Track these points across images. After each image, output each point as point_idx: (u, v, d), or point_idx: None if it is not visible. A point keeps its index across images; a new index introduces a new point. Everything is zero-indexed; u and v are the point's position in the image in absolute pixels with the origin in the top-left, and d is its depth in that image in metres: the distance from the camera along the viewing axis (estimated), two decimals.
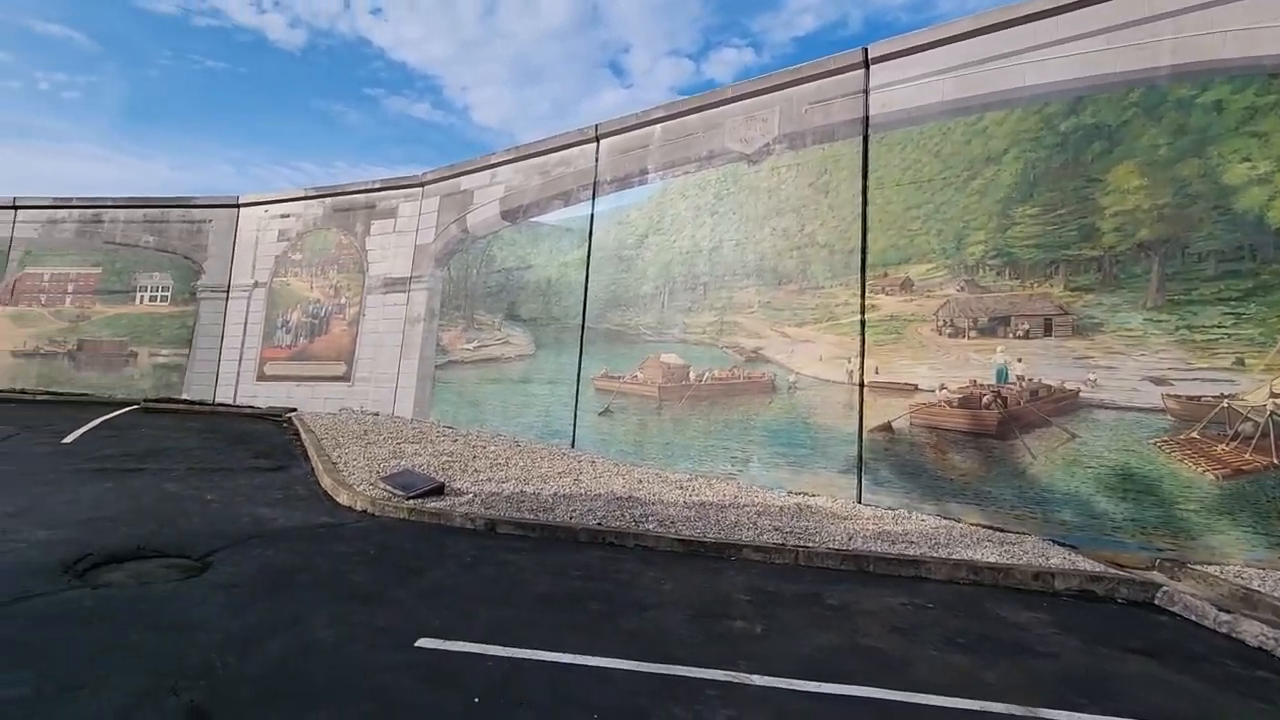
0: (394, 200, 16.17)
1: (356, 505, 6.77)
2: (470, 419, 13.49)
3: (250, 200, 17.92)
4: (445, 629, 3.79)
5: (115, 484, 6.87)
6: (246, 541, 5.27)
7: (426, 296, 15.07)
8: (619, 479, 8.94)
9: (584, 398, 11.81)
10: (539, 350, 12.80)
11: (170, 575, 4.44)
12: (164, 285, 18.06)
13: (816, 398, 9.08)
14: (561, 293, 12.66)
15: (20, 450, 8.44)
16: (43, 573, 4.23)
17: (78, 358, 17.97)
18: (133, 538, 5.09)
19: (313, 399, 16.05)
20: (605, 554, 5.80)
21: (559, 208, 13.01)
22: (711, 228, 10.66)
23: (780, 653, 3.83)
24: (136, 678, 3.00)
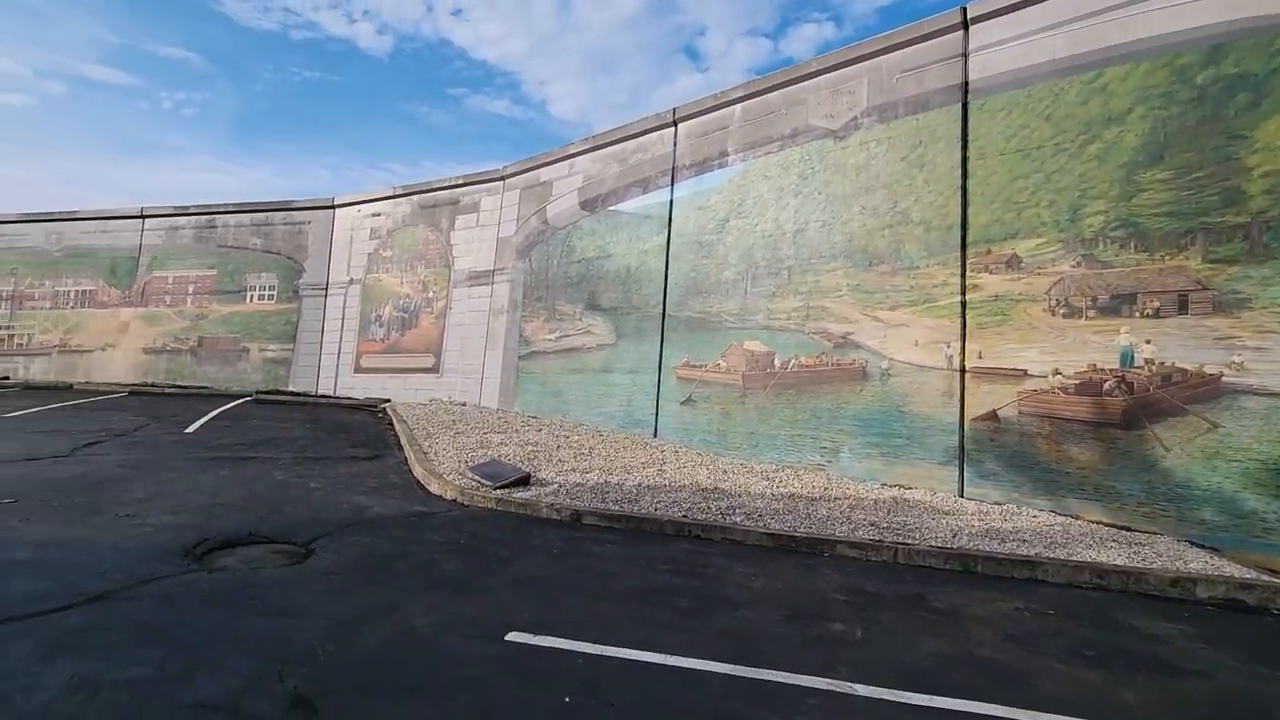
0: (476, 195, 16.53)
1: (447, 494, 6.93)
2: (553, 409, 13.65)
3: (344, 201, 18.80)
4: (534, 623, 3.75)
5: (230, 471, 7.32)
6: (346, 529, 5.46)
7: (509, 288, 15.34)
8: (703, 469, 8.78)
9: (666, 387, 11.69)
10: (620, 339, 12.77)
11: (277, 561, 4.64)
12: (270, 284, 19.25)
13: (912, 385, 8.58)
14: (641, 281, 12.56)
15: (150, 440, 9.16)
16: (166, 555, 4.51)
17: (198, 353, 19.46)
18: (245, 523, 5.37)
19: (404, 390, 16.72)
20: (692, 547, 5.66)
21: (637, 195, 12.89)
22: (796, 209, 10.25)
23: (885, 660, 3.57)
24: (247, 662, 3.10)
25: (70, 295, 20.92)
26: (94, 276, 20.73)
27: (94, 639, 3.23)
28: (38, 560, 4.21)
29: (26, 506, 5.40)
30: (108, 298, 20.55)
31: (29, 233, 21.48)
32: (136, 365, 19.91)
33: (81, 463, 7.36)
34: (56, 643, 3.15)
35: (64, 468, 7.03)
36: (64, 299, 20.96)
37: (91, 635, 3.26)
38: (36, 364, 20.74)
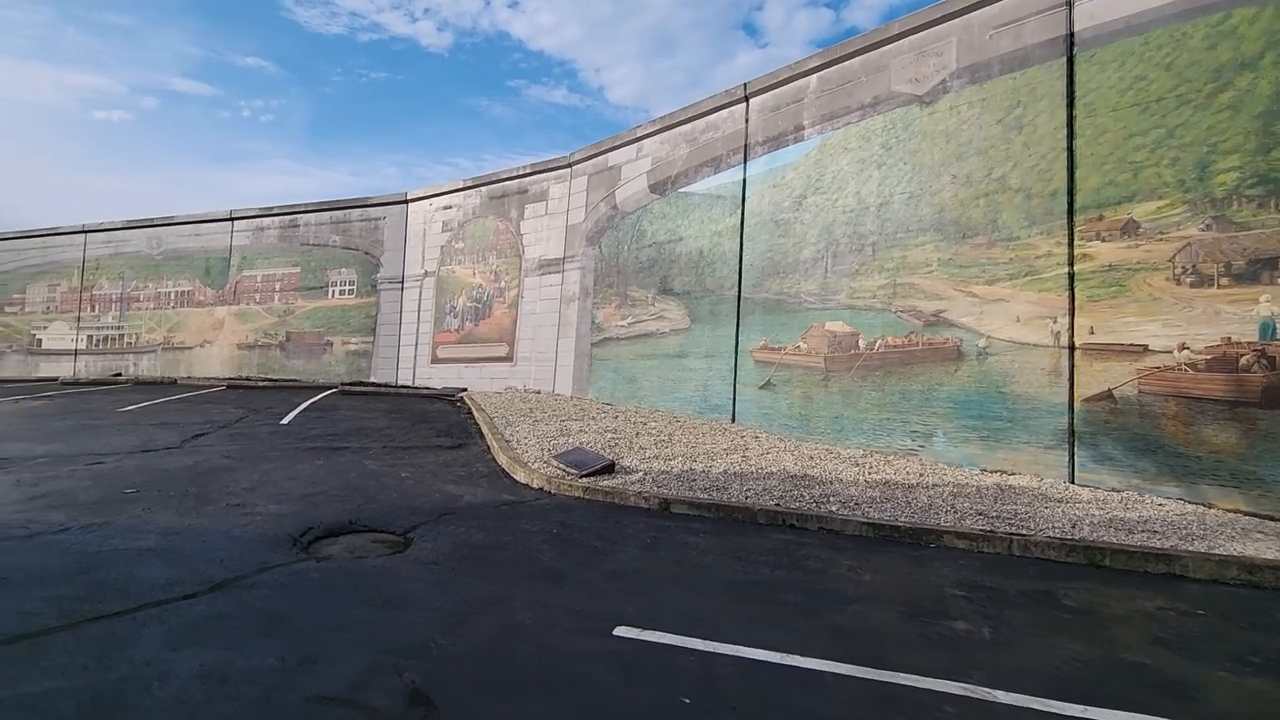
0: (544, 183, 16.56)
1: (533, 483, 6.93)
2: (627, 395, 13.59)
3: (416, 195, 19.22)
4: (640, 617, 3.64)
5: (325, 461, 7.55)
6: (441, 518, 5.50)
7: (580, 275, 15.34)
8: (788, 455, 8.50)
9: (743, 371, 11.42)
10: (694, 324, 12.55)
11: (379, 550, 4.70)
12: (349, 280, 19.94)
13: (1013, 363, 8.04)
14: (715, 263, 12.29)
15: (249, 431, 9.58)
16: (276, 544, 4.64)
17: (286, 348, 20.39)
18: (344, 512, 5.49)
19: (480, 379, 17.03)
20: (788, 537, 5.45)
21: (708, 175, 12.59)
22: (879, 181, 9.75)
23: (1022, 664, 3.28)
24: (363, 654, 3.11)
25: (171, 296, 22.28)
26: (191, 277, 21.99)
27: (218, 627, 3.31)
28: (161, 549, 4.39)
29: (146, 496, 5.69)
30: (204, 297, 21.78)
31: (133, 238, 22.96)
32: (231, 360, 21.05)
33: (191, 454, 7.75)
34: (185, 630, 3.24)
35: (175, 459, 7.41)
36: (165, 299, 22.34)
37: (216, 623, 3.34)
38: (144, 361, 22.23)
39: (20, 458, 7.17)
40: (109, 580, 3.81)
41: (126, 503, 5.48)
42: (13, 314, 24.15)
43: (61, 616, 3.31)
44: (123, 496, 5.65)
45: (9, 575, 3.84)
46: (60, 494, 5.66)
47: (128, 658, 2.95)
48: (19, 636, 3.10)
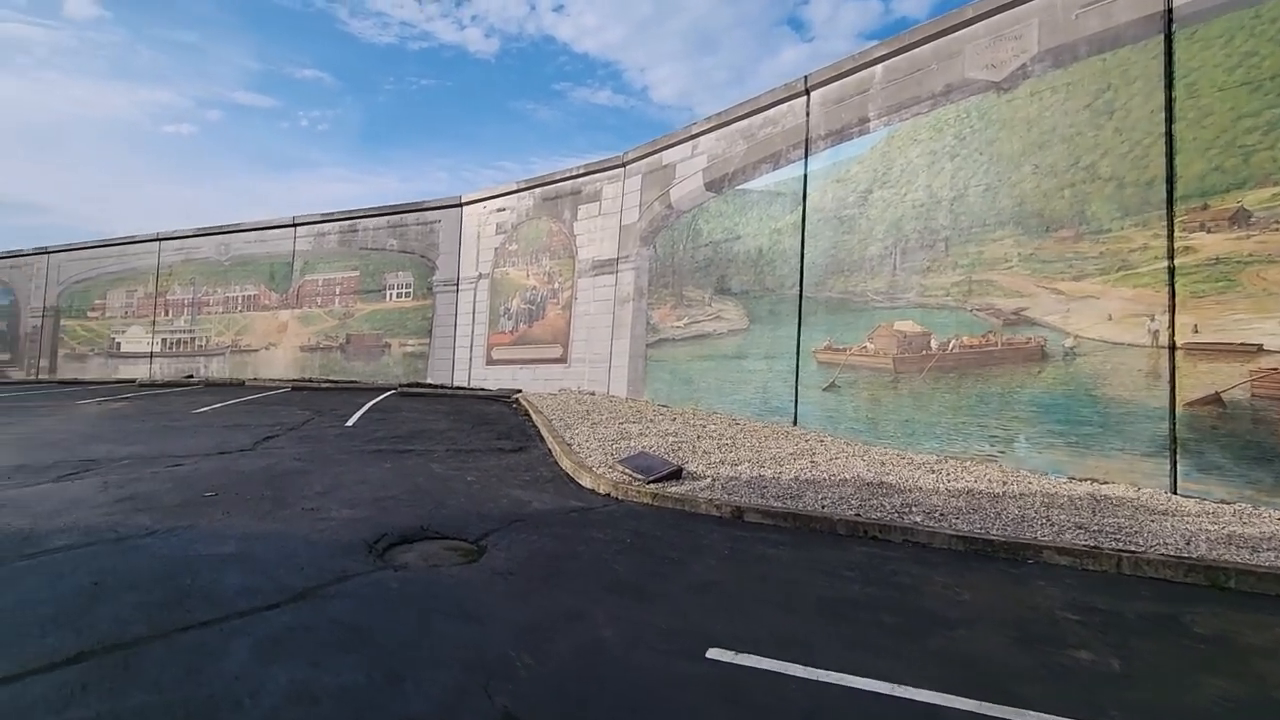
0: (597, 183, 16.49)
1: (600, 488, 6.80)
2: (683, 397, 13.39)
3: (471, 198, 19.41)
4: (731, 637, 3.44)
5: (392, 465, 7.58)
6: (511, 525, 5.41)
7: (634, 276, 15.20)
8: (858, 461, 8.17)
9: (805, 372, 11.08)
10: (753, 324, 12.26)
11: (453, 558, 4.62)
12: (406, 282, 20.29)
13: (1105, 365, 7.53)
14: (775, 262, 11.97)
15: (317, 433, 9.75)
16: (352, 551, 4.61)
17: (346, 350, 20.89)
18: (416, 518, 5.45)
19: (534, 380, 17.07)
20: (872, 550, 5.16)
21: (767, 172, 12.28)
22: (952, 174, 9.30)
23: (1166, 704, 2.96)
24: (449, 672, 3.00)
25: (238, 300, 23.09)
26: (257, 282, 22.75)
27: (303, 640, 3.25)
28: (242, 554, 4.41)
29: (225, 500, 5.77)
30: (268, 301, 22.50)
31: (202, 245, 23.90)
32: (294, 362, 21.69)
33: (263, 456, 7.89)
34: (271, 643, 3.19)
35: (250, 461, 7.55)
36: (233, 304, 23.17)
37: (300, 636, 3.29)
38: (214, 363, 23.11)
39: (106, 459, 7.41)
40: (195, 587, 3.82)
41: (207, 506, 5.57)
42: (95, 319, 25.44)
43: (152, 625, 3.31)
44: (203, 500, 5.74)
45: (102, 579, 3.88)
46: (144, 497, 5.79)
47: (218, 671, 2.91)
48: (115, 646, 3.10)
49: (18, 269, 27.01)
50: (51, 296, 26.18)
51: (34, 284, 26.57)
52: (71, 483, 6.27)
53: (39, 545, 4.45)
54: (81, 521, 4.99)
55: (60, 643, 3.11)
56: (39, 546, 4.42)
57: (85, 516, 5.13)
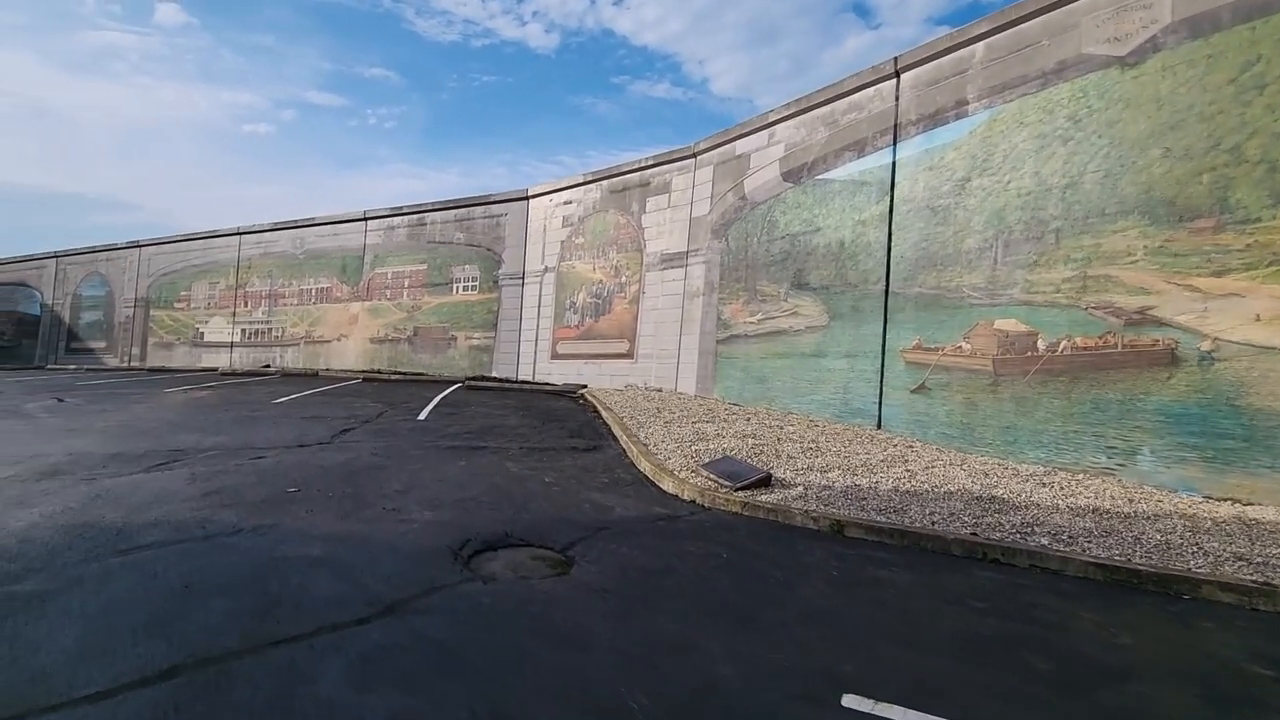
0: (667, 174, 16.10)
1: (684, 494, 6.44)
2: (756, 396, 12.90)
3: (537, 191, 19.32)
4: (863, 681, 3.03)
5: (468, 462, 7.42)
6: (597, 533, 5.12)
7: (704, 270, 14.76)
8: (959, 470, 7.56)
9: (891, 372, 10.45)
10: (833, 321, 11.67)
11: (542, 570, 4.35)
12: (472, 276, 20.39)
13: (1250, 371, 6.71)
14: (858, 255, 11.34)
15: (391, 427, 9.73)
16: (437, 558, 4.39)
17: (414, 342, 21.18)
18: (498, 522, 5.22)
19: (600, 376, 16.85)
20: (997, 576, 4.64)
21: (850, 160, 11.64)
22: (1065, 159, 8.51)
23: None
24: (557, 707, 2.71)
25: (312, 292, 23.75)
26: (329, 275, 23.33)
27: (397, 661, 3.01)
28: (328, 559, 4.24)
29: (308, 497, 5.67)
30: (340, 293, 23.04)
31: (279, 239, 24.66)
32: (364, 354, 22.15)
33: (341, 449, 7.86)
34: (364, 663, 2.96)
35: (329, 455, 7.52)
36: (307, 296, 23.84)
37: (394, 656, 3.05)
38: (289, 353, 23.85)
39: (192, 449, 7.50)
40: (283, 594, 3.64)
41: (290, 503, 5.47)
42: (180, 309, 26.65)
43: (243, 637, 3.13)
44: (286, 496, 5.66)
45: (192, 581, 3.76)
46: (230, 491, 5.75)
47: (312, 696, 2.68)
48: (207, 660, 2.92)
49: (112, 262, 28.56)
50: (142, 288, 27.57)
51: (126, 276, 28.04)
52: (161, 473, 6.32)
53: (132, 541, 4.39)
54: (171, 516, 4.95)
55: (153, 654, 2.95)
56: (132, 542, 4.36)
57: (175, 511, 5.10)
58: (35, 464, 6.55)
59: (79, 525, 4.66)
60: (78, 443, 7.74)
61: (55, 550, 4.18)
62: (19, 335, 30.56)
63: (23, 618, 3.26)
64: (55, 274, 29.98)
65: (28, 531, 4.51)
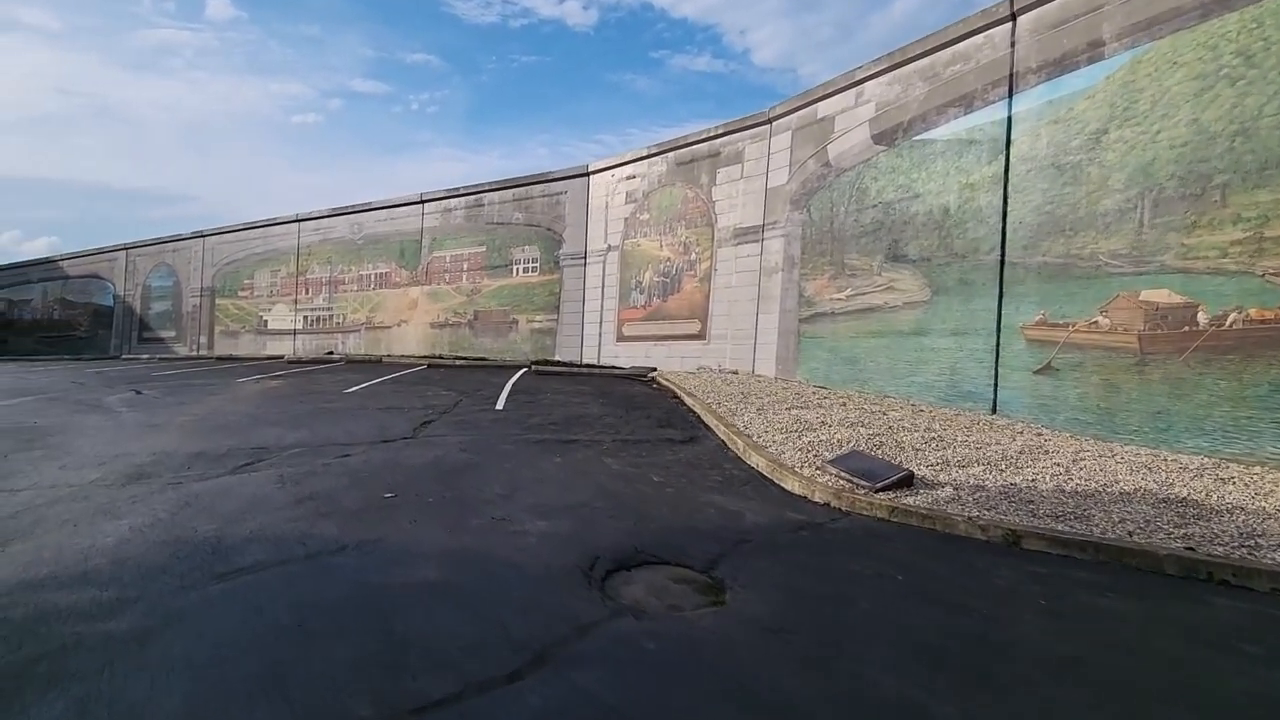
0: (739, 143, 15.16)
1: (814, 496, 5.71)
2: (845, 378, 12.02)
3: (598, 167, 18.58)
4: None
5: (563, 459, 6.84)
6: (736, 547, 4.44)
7: (783, 244, 13.85)
8: (1115, 464, 6.62)
9: (1008, 351, 9.45)
10: (936, 295, 10.67)
11: (692, 597, 3.70)
12: (533, 257, 19.86)
13: None
14: (965, 223, 10.29)
15: (470, 418, 9.25)
16: (569, 580, 3.79)
17: (474, 326, 20.85)
18: (623, 534, 4.60)
19: (669, 358, 16.16)
20: (1242, 605, 3.79)
21: (956, 117, 10.54)
22: (1233, 102, 7.33)
23: None
24: None
25: (371, 278, 23.64)
26: (388, 260, 23.16)
27: None
28: (448, 585, 3.67)
29: (406, 503, 5.16)
30: (399, 278, 22.86)
31: (337, 225, 24.60)
32: (425, 339, 21.95)
33: (427, 445, 7.38)
34: None
35: (415, 452, 7.04)
36: (366, 281, 23.75)
37: None
38: (350, 340, 23.87)
39: (275, 447, 7.12)
40: (409, 635, 3.08)
41: (390, 511, 4.96)
42: (244, 298, 26.99)
43: (376, 703, 2.56)
44: (384, 503, 5.15)
45: (303, 617, 3.23)
46: (324, 497, 5.28)
47: None
48: None
49: (178, 252, 29.10)
50: (207, 277, 28.01)
51: (192, 266, 28.53)
52: (249, 475, 5.91)
53: (230, 561, 3.91)
54: (268, 529, 4.47)
55: None
56: (230, 563, 3.88)
57: (270, 522, 4.63)
58: (120, 465, 6.23)
59: (172, 541, 4.22)
60: (160, 440, 7.45)
61: (150, 573, 3.72)
62: (95, 326, 31.58)
63: (122, 668, 2.76)
64: (125, 266, 30.76)
65: (119, 549, 4.08)
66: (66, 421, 8.73)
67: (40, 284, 33.74)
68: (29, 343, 33.38)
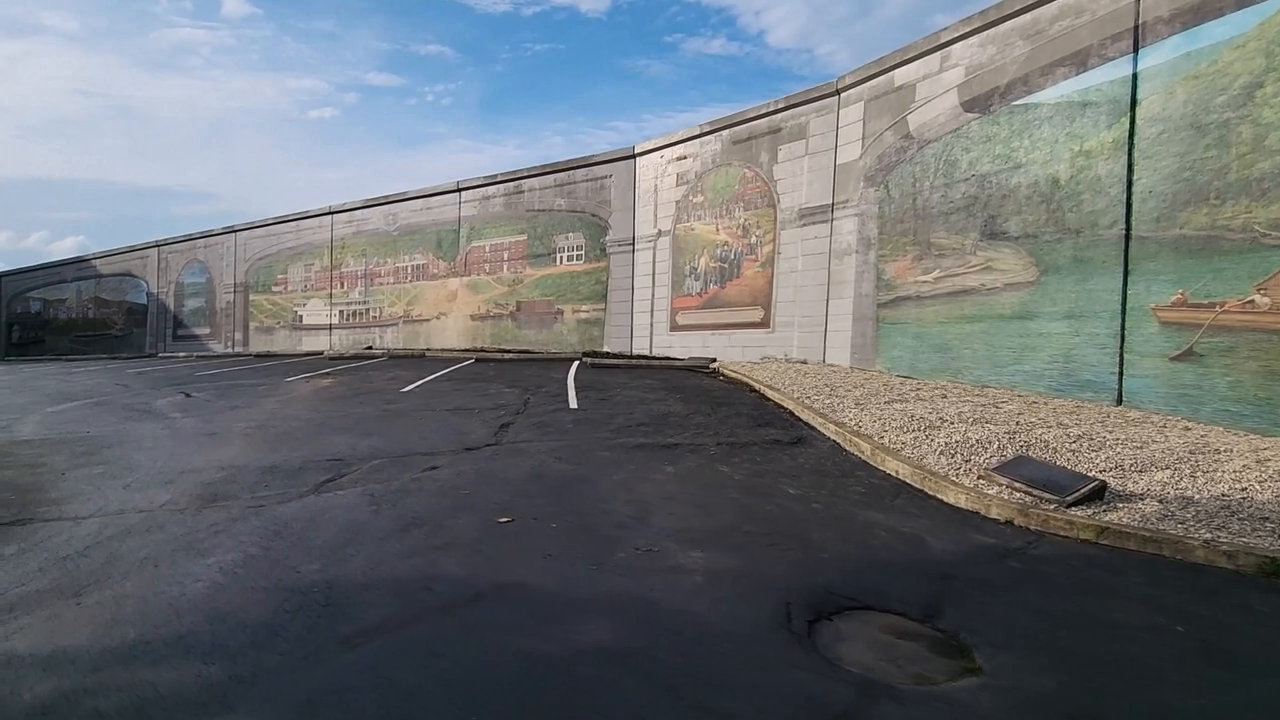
0: (802, 118, 14.19)
1: (990, 511, 4.90)
2: (935, 367, 11.13)
3: (645, 148, 17.71)
4: None
5: (675, 468, 6.09)
6: (943, 583, 3.66)
7: (856, 223, 12.92)
8: None
9: (1137, 335, 8.51)
10: (1045, 275, 9.72)
11: (929, 660, 2.93)
12: (577, 245, 19.09)
13: None
14: (1080, 195, 9.31)
15: (548, 419, 8.54)
16: (770, 640, 3.04)
17: (517, 317, 20.17)
18: (798, 569, 3.84)
19: (729, 348, 15.34)
20: None
21: (1067, 78, 9.53)
22: None
23: None
24: None
25: (407, 270, 23.05)
26: (425, 251, 22.53)
27: None
28: (629, 653, 2.93)
29: (527, 530, 4.44)
30: (437, 270, 22.23)
31: (370, 217, 24.01)
32: (466, 331, 21.33)
33: (516, 453, 6.67)
34: None
35: (507, 462, 6.33)
36: (403, 274, 23.17)
37: None
38: (388, 334, 23.34)
39: (352, 458, 6.45)
40: None
41: (513, 541, 4.24)
42: (278, 293, 26.58)
43: None
44: (502, 530, 4.43)
45: (472, 711, 2.50)
46: (429, 523, 4.57)
47: None
48: None
49: (210, 248, 28.76)
50: (240, 273, 27.64)
51: (225, 262, 28.18)
52: (335, 495, 5.23)
53: (350, 618, 3.21)
54: (381, 568, 3.77)
55: None
56: (351, 621, 3.17)
57: (380, 558, 3.93)
58: (189, 484, 5.59)
59: (273, 588, 3.53)
60: (224, 452, 6.82)
61: (259, 636, 3.03)
62: (130, 324, 31.47)
63: None
64: (158, 263, 30.54)
65: (214, 599, 3.40)
66: (120, 430, 8.16)
67: (74, 283, 33.72)
68: (65, 342, 33.42)
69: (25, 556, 4.01)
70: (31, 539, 4.31)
